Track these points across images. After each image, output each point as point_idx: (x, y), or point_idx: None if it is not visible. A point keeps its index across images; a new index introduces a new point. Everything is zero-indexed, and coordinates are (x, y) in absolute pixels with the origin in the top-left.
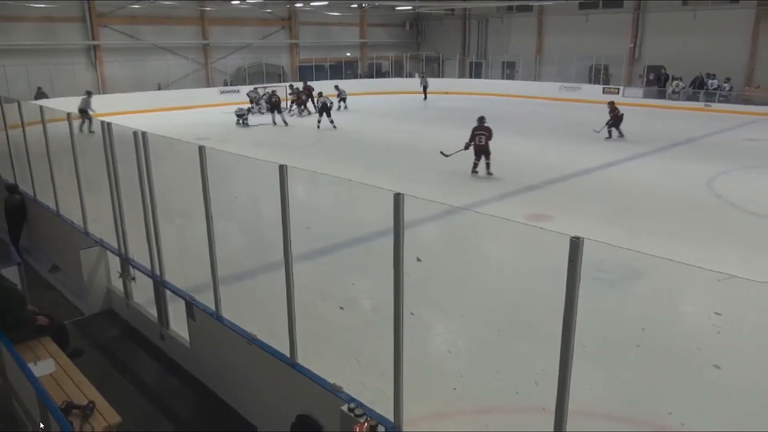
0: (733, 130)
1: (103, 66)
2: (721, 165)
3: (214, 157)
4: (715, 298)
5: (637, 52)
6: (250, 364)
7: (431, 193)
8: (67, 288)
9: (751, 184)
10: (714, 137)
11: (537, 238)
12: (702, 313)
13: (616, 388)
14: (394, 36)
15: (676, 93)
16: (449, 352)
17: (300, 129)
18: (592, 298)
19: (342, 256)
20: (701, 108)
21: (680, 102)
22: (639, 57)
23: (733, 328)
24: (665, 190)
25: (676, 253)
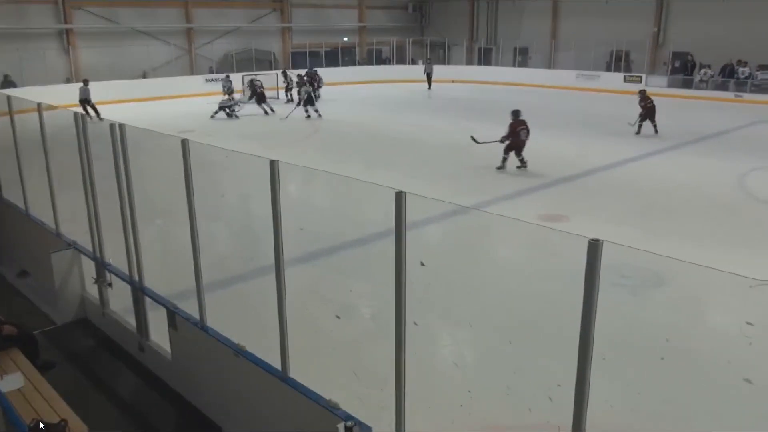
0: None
1: (77, 52)
2: (754, 161)
3: (199, 151)
4: (746, 306)
5: (661, 37)
6: (237, 378)
7: (436, 191)
8: (36, 295)
9: None
10: (745, 130)
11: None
12: (732, 323)
13: (638, 404)
14: (396, 19)
15: (703, 82)
16: (456, 365)
17: (292, 121)
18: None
19: (339, 260)
20: (731, 98)
21: (708, 92)
22: (663, 42)
23: (767, 339)
24: (691, 189)
25: (704, 256)
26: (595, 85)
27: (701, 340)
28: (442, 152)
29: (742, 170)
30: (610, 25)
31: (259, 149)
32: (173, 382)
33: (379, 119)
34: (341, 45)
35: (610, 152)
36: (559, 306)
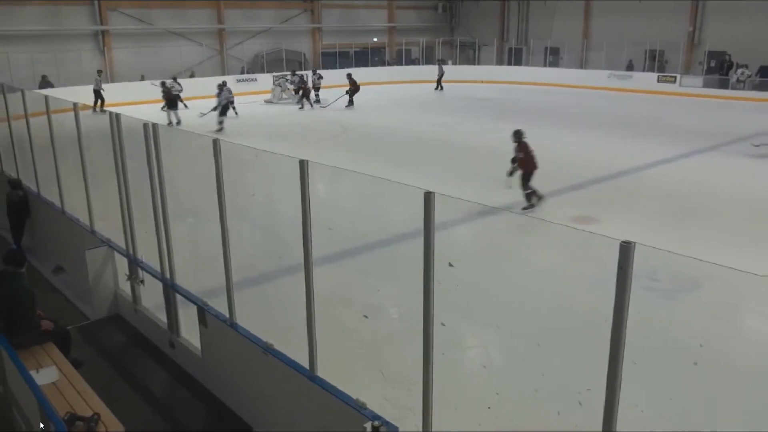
0: None
1: (111, 52)
2: None
3: (230, 151)
4: None
5: (696, 36)
6: (265, 376)
7: (464, 191)
8: (71, 291)
9: None
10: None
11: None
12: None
13: (669, 410)
14: (426, 19)
15: (741, 82)
16: (483, 367)
17: (321, 121)
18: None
19: (367, 260)
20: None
21: (745, 92)
22: (699, 42)
23: None
24: (727, 191)
25: (739, 260)
26: (627, 85)
27: (737, 346)
28: (469, 153)
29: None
30: (643, 25)
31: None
32: (203, 378)
33: (408, 119)
34: (371, 45)
35: (642, 153)
36: (590, 308)
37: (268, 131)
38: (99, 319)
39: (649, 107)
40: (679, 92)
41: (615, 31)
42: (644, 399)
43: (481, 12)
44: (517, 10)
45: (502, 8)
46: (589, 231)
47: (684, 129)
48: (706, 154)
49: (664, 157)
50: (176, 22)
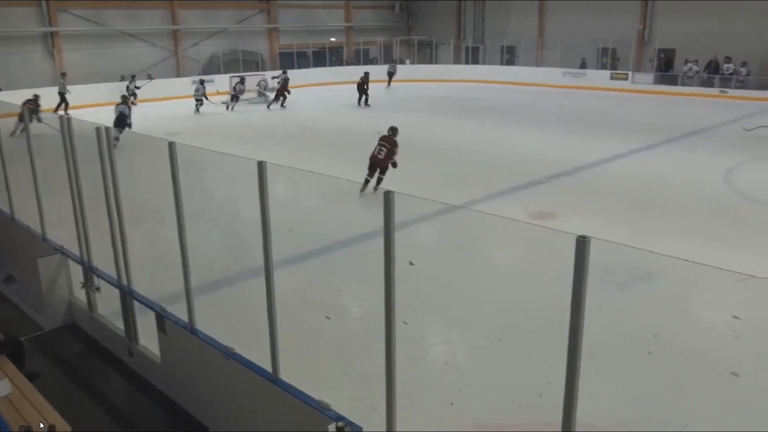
0: (751, 118)
1: (62, 55)
2: (739, 156)
3: (187, 154)
4: (733, 300)
5: (646, 34)
6: (227, 381)
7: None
8: (23, 300)
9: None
10: (731, 126)
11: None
12: (719, 317)
13: (627, 400)
14: (383, 19)
15: (689, 78)
16: (446, 364)
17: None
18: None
19: (328, 261)
20: (716, 95)
21: (694, 88)
22: (649, 40)
23: (753, 332)
24: (679, 185)
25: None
26: (581, 82)
27: (689, 335)
28: (432, 151)
29: (729, 166)
30: (596, 23)
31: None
32: (163, 385)
33: (367, 119)
34: (328, 45)
35: (598, 149)
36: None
37: (226, 133)
38: (53, 328)
39: (603, 104)
40: (631, 89)
41: (569, 30)
42: (602, 389)
43: (437, 11)
44: (473, 10)
45: (458, 8)
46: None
47: (637, 124)
48: (659, 149)
49: (619, 153)
50: (129, 23)
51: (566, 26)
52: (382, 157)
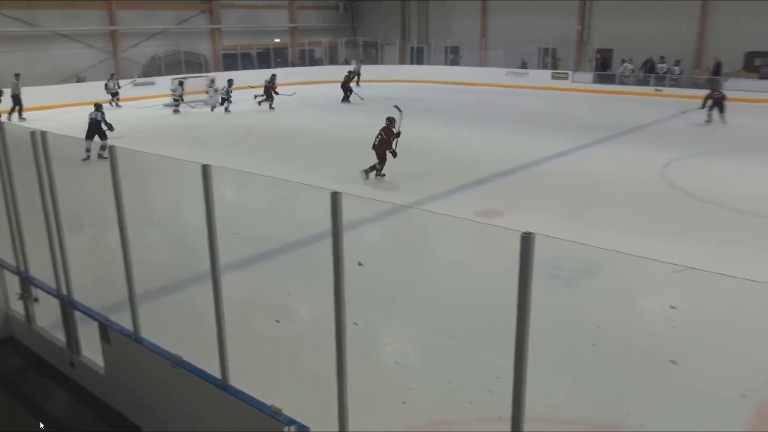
0: (684, 115)
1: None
2: (673, 152)
3: (128, 158)
4: (670, 291)
5: (585, 34)
6: (176, 390)
7: (373, 191)
8: None
9: (703, 171)
10: (665, 123)
11: (488, 235)
12: (658, 308)
13: (574, 391)
14: (328, 20)
15: (626, 77)
16: (397, 363)
17: (226, 127)
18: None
19: (277, 263)
20: (652, 93)
21: (630, 87)
22: (587, 40)
23: (689, 321)
24: (619, 180)
25: (633, 245)
26: (524, 82)
27: (630, 326)
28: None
29: (664, 161)
30: (537, 24)
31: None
32: (108, 397)
33: (315, 120)
34: (273, 46)
35: (542, 147)
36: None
37: (169, 136)
38: None
39: (545, 103)
40: (571, 88)
41: (511, 30)
42: (550, 382)
43: (382, 12)
44: (417, 10)
45: (402, 8)
46: (493, 224)
47: (578, 123)
48: (599, 146)
49: (562, 150)
50: (65, 23)
51: (508, 27)
52: (376, 144)
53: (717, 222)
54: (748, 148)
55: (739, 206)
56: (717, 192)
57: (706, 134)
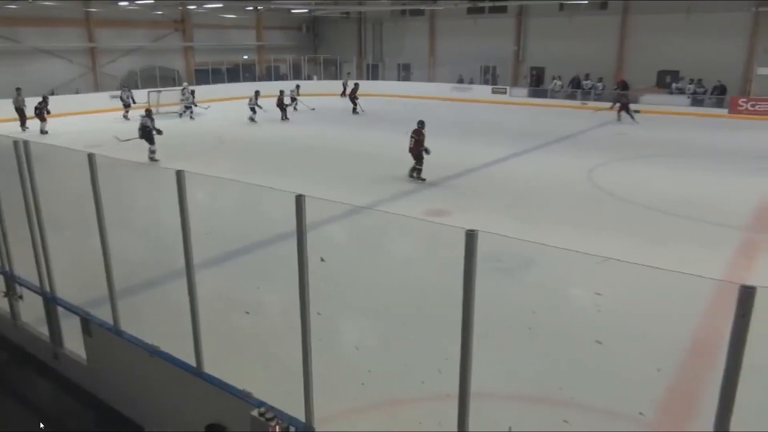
0: (606, 126)
1: None
2: (599, 158)
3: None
4: (596, 279)
5: (521, 53)
6: (154, 378)
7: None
8: None
9: (624, 174)
10: (590, 133)
11: (438, 233)
12: (585, 294)
13: (513, 370)
14: (292, 39)
15: (556, 92)
16: (356, 349)
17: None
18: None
19: (247, 261)
20: (579, 106)
21: (560, 100)
22: (523, 59)
23: (611, 306)
24: (552, 183)
25: (564, 240)
26: (468, 96)
27: (561, 310)
28: (342, 158)
29: (591, 166)
30: (479, 44)
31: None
32: (90, 386)
33: (278, 131)
34: (242, 62)
35: (484, 153)
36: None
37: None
38: None
39: (487, 115)
40: (509, 101)
41: (456, 50)
42: (493, 362)
43: (341, 32)
44: (372, 31)
45: (359, 29)
46: (441, 222)
47: (515, 132)
48: (534, 153)
49: (503, 156)
50: (46, 40)
51: (454, 47)
52: (411, 146)
53: (636, 218)
54: (661, 155)
55: (654, 205)
56: (635, 193)
57: (625, 142)
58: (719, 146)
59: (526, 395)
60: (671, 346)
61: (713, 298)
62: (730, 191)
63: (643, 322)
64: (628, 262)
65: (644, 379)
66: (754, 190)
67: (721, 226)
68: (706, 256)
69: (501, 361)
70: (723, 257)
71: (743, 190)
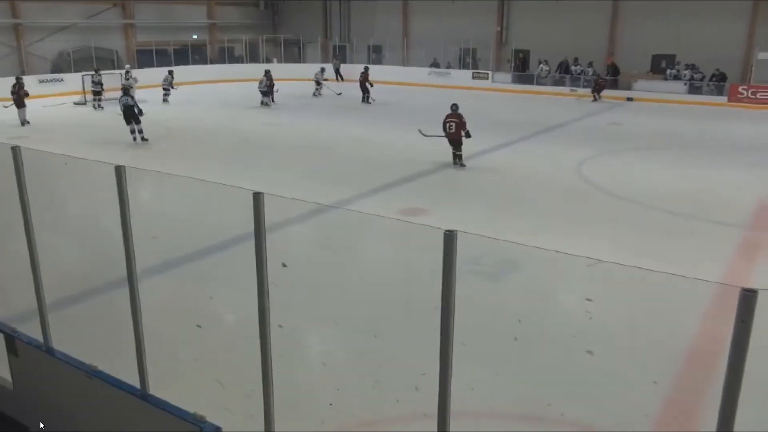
0: (598, 115)
1: None
2: (589, 150)
3: (36, 159)
4: (586, 283)
5: (504, 35)
6: (92, 402)
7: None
8: None
9: (616, 168)
10: (581, 122)
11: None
12: (575, 300)
13: (497, 385)
14: (248, 16)
15: (543, 78)
16: (323, 365)
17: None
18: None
19: (198, 268)
20: (567, 93)
21: (548, 87)
22: (506, 41)
23: (603, 312)
24: (539, 177)
25: (552, 240)
26: (446, 81)
27: (549, 318)
28: (305, 151)
29: (581, 159)
30: (458, 24)
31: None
32: (16, 413)
33: (237, 120)
34: (191, 43)
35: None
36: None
37: (81, 136)
38: None
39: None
40: (491, 87)
41: (433, 30)
42: (476, 377)
43: (303, 10)
44: (339, 9)
45: (324, 7)
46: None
47: (498, 122)
48: (519, 144)
49: (484, 149)
50: None
51: (430, 27)
52: (453, 131)
53: (629, 217)
54: (655, 146)
55: (648, 201)
56: (628, 188)
57: (618, 133)
58: (717, 137)
59: (512, 413)
60: (668, 356)
61: (712, 303)
62: (729, 186)
63: (637, 329)
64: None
65: (639, 392)
66: (755, 186)
67: (721, 224)
68: (705, 257)
69: (484, 376)
70: (722, 258)
71: (743, 185)
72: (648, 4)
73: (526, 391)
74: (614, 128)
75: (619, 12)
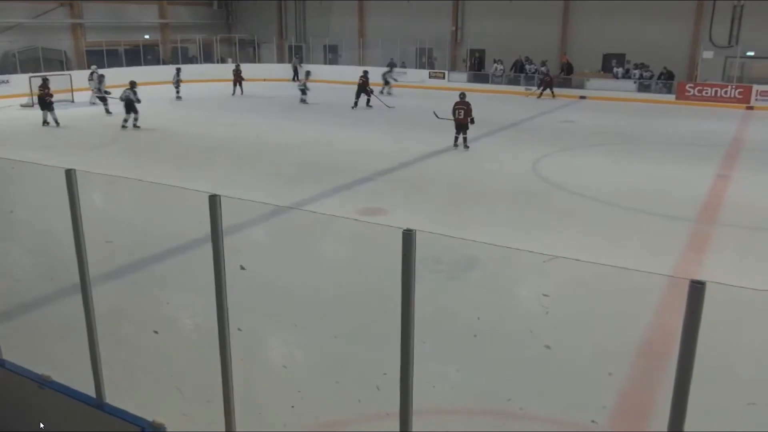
0: (551, 113)
1: None
2: (543, 148)
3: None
4: (542, 279)
5: (459, 35)
6: (45, 413)
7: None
8: None
9: (570, 165)
10: (535, 120)
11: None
12: (532, 296)
13: (458, 382)
14: (201, 16)
15: (497, 77)
16: (284, 367)
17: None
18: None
19: (153, 272)
20: (522, 92)
21: (503, 86)
22: (462, 41)
23: (559, 307)
24: (495, 176)
25: (508, 238)
26: (402, 80)
27: (507, 314)
28: (261, 151)
29: (535, 157)
30: (413, 24)
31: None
32: None
33: (191, 121)
34: (142, 43)
35: (420, 145)
36: (381, 296)
37: (27, 139)
38: None
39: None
40: (447, 87)
41: (388, 30)
42: (437, 374)
43: (258, 9)
44: (294, 9)
45: (279, 6)
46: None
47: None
48: (476, 143)
49: (439, 148)
50: None
51: (386, 26)
52: (462, 116)
53: (582, 213)
54: (607, 143)
55: (601, 197)
56: (582, 185)
57: (571, 131)
58: (666, 134)
59: (473, 409)
60: (623, 348)
61: (664, 295)
62: (678, 181)
63: (593, 323)
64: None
65: (596, 384)
66: (703, 180)
67: (671, 218)
68: (656, 251)
69: (445, 373)
70: (672, 251)
71: (691, 179)
72: (598, 5)
73: (487, 387)
74: (567, 126)
75: (570, 12)
